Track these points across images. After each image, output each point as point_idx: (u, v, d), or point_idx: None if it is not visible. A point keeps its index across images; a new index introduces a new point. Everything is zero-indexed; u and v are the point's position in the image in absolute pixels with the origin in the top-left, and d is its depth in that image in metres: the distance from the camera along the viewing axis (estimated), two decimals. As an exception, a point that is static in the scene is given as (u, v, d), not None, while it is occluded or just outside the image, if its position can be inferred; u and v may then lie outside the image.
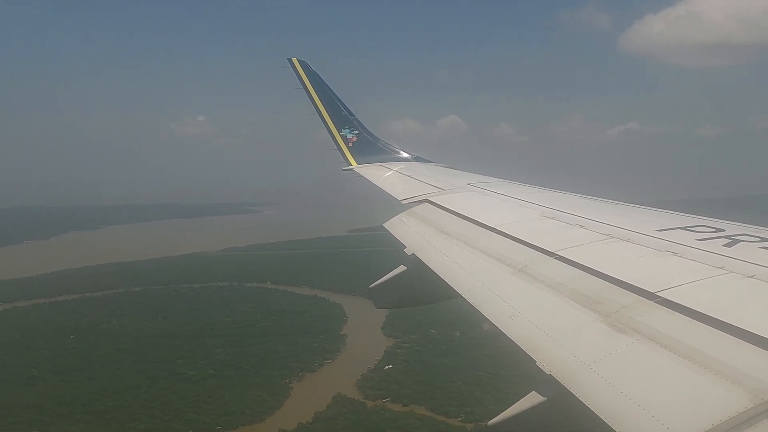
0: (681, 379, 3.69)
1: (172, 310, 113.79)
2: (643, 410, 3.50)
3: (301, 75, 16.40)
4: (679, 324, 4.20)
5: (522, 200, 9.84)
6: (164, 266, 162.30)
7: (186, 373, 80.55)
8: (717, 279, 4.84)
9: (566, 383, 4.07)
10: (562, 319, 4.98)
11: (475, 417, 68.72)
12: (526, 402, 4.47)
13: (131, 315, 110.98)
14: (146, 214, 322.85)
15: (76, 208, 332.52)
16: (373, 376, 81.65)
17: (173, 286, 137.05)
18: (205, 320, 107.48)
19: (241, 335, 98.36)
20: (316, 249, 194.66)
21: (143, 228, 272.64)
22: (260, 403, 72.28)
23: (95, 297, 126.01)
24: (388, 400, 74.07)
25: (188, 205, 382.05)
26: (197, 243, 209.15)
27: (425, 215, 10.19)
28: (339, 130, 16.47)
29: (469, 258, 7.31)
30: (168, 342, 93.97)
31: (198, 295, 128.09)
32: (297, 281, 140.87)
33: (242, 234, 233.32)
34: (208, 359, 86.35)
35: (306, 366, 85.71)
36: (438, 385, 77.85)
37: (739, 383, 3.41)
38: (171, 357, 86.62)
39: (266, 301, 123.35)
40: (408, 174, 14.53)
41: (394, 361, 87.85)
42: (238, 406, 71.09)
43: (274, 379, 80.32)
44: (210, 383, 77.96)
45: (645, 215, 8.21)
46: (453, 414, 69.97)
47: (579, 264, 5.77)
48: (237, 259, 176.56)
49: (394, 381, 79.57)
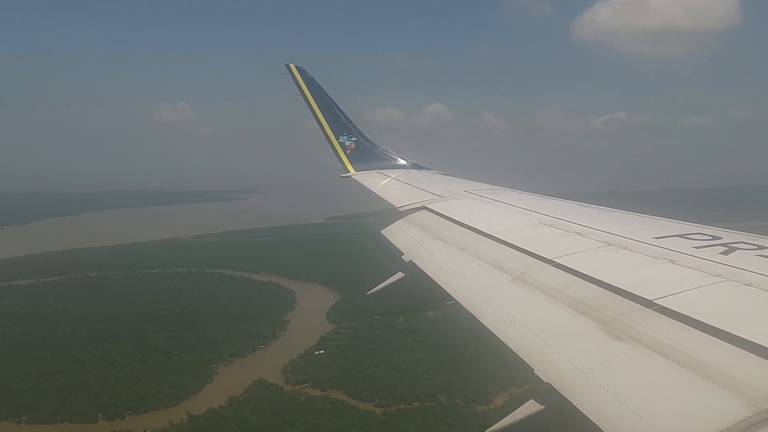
0: (679, 387, 3.67)
1: (121, 295, 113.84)
2: (641, 418, 3.48)
3: (299, 81, 16.46)
4: (676, 332, 4.19)
5: (519, 207, 9.88)
6: (130, 252, 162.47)
7: (112, 358, 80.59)
8: (714, 287, 4.82)
9: (564, 391, 4.04)
10: (560, 326, 4.96)
11: (387, 401, 68.88)
12: (524, 410, 4.43)
13: (78, 299, 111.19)
14: (130, 201, 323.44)
15: (58, 195, 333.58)
16: (301, 361, 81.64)
17: (131, 271, 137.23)
18: (151, 305, 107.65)
19: (181, 320, 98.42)
20: (287, 236, 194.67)
21: (124, 214, 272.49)
22: (178, 387, 72.34)
23: (50, 282, 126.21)
24: (308, 385, 74.13)
25: (174, 192, 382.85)
26: (172, 229, 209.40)
27: (423, 222, 10.21)
28: (337, 137, 16.48)
29: (466, 265, 7.31)
30: (105, 326, 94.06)
31: (152, 281, 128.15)
32: (258, 268, 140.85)
33: (219, 221, 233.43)
34: (139, 344, 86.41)
35: (237, 351, 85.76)
36: (360, 370, 77.89)
37: (736, 392, 3.39)
38: (103, 341, 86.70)
39: (218, 286, 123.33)
40: (405, 181, 14.62)
41: (326, 346, 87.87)
42: (154, 390, 71.18)
43: (201, 364, 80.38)
44: (134, 368, 78.04)
45: (643, 223, 8.25)
46: (367, 398, 69.95)
47: (577, 271, 5.77)
48: (205, 246, 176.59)
49: (318, 366, 79.60)
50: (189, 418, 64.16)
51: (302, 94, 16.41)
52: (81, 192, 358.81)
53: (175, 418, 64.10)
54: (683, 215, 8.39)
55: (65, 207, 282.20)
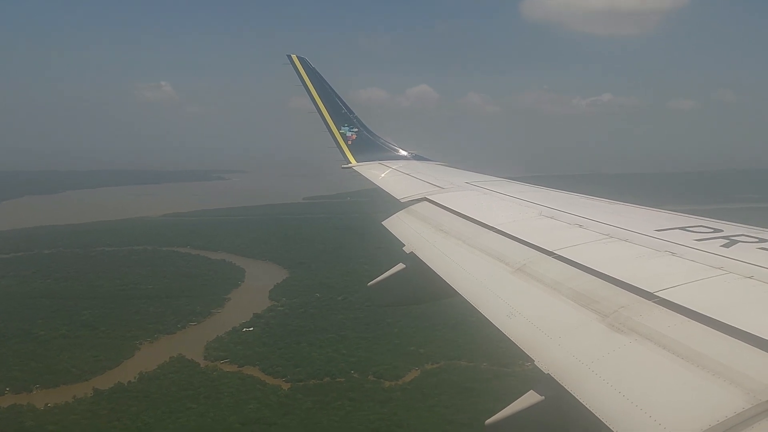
0: (679, 379, 3.69)
1: (68, 273, 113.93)
2: (641, 410, 3.49)
3: (300, 72, 16.47)
4: (677, 324, 4.20)
5: (521, 199, 9.93)
6: (93, 230, 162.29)
7: (36, 333, 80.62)
8: (715, 279, 4.85)
9: (564, 383, 4.08)
10: (561, 318, 4.99)
11: (298, 377, 69.09)
12: (524, 401, 4.44)
13: (24, 276, 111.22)
14: (111, 180, 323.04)
15: (37, 173, 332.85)
16: (227, 338, 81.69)
17: (87, 249, 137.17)
18: (94, 282, 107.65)
19: (119, 297, 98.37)
20: (257, 215, 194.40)
21: (102, 193, 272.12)
22: (93, 363, 72.42)
23: (1, 259, 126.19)
24: (226, 362, 74.26)
25: (158, 171, 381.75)
26: (144, 207, 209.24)
27: (424, 214, 10.25)
28: (338, 127, 16.51)
29: (467, 257, 7.35)
30: (41, 303, 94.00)
31: (105, 259, 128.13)
32: (216, 246, 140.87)
33: (193, 200, 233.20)
34: (69, 320, 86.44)
35: (166, 328, 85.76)
36: (282, 346, 77.97)
37: (736, 384, 3.41)
38: (34, 317, 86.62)
39: (169, 264, 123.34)
40: (407, 172, 14.66)
41: (256, 323, 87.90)
42: (69, 365, 71.31)
43: (125, 340, 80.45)
44: (55, 343, 78.14)
45: (644, 215, 8.26)
46: (280, 374, 70.13)
47: (577, 263, 5.80)
48: (171, 224, 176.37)
49: (241, 342, 79.72)
50: (93, 393, 64.32)
51: (303, 85, 16.46)
52: (62, 171, 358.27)
53: (80, 393, 64.24)
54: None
55: (44, 185, 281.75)
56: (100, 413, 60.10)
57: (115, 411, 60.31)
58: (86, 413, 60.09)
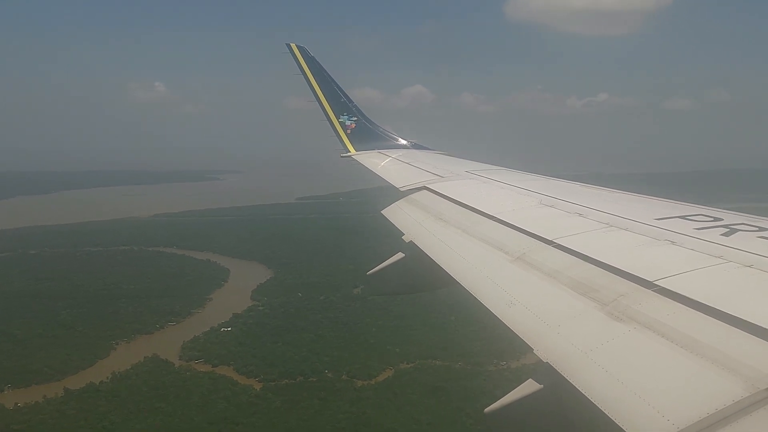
0: (678, 367, 3.71)
1: (51, 273, 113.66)
2: (640, 398, 3.51)
3: (300, 61, 16.42)
4: (676, 313, 4.20)
5: (520, 188, 9.90)
6: (80, 230, 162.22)
7: (13, 333, 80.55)
8: (715, 268, 4.84)
9: (563, 371, 4.08)
10: (560, 307, 5.00)
11: (271, 377, 69.02)
12: (522, 389, 4.45)
13: (6, 276, 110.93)
14: (106, 180, 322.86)
15: (31, 173, 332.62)
16: (203, 338, 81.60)
17: (73, 249, 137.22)
18: (75, 282, 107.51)
19: (99, 297, 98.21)
20: (247, 216, 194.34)
21: (94, 193, 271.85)
22: (67, 362, 72.31)
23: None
24: (200, 362, 74.15)
25: (153, 172, 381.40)
26: (135, 208, 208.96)
27: (424, 203, 10.23)
28: (338, 116, 16.49)
29: (467, 245, 7.34)
30: (20, 302, 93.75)
31: (89, 259, 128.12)
32: (202, 246, 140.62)
33: (185, 200, 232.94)
34: (47, 320, 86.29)
35: (144, 328, 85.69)
36: (257, 346, 77.89)
37: (735, 372, 3.42)
38: (12, 317, 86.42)
39: (152, 265, 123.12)
40: (406, 161, 14.65)
41: (235, 323, 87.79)
42: (42, 365, 71.09)
43: (101, 340, 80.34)
44: (31, 342, 77.93)
45: (643, 204, 8.26)
46: (253, 374, 70.02)
47: (577, 252, 5.80)
48: (159, 225, 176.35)
49: (218, 342, 79.63)
50: (64, 393, 64.21)
51: (303, 73, 16.40)
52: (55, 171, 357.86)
53: (51, 393, 64.13)
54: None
55: (37, 185, 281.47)
56: (68, 413, 60.00)
57: (83, 411, 60.21)
58: (54, 413, 60.01)
